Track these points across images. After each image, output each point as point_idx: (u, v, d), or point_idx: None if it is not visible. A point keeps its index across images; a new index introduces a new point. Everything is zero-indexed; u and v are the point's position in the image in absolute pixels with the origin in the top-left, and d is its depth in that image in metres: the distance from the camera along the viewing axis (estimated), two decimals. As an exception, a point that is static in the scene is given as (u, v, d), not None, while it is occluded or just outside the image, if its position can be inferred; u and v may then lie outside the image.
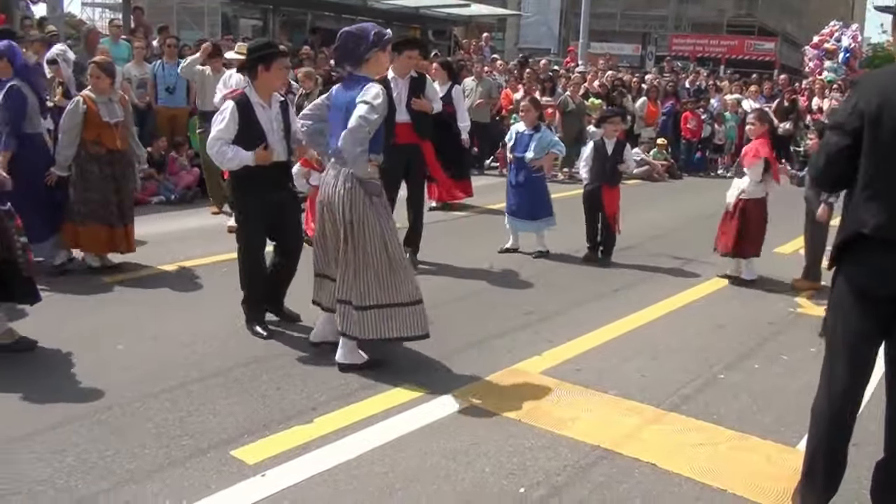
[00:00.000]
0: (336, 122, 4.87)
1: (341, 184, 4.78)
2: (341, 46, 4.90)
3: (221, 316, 5.86)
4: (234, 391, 4.65)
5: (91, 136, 6.68)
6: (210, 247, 8.01)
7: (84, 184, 6.73)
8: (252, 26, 20.09)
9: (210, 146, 5.24)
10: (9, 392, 4.55)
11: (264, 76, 5.32)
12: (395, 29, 19.75)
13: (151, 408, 4.40)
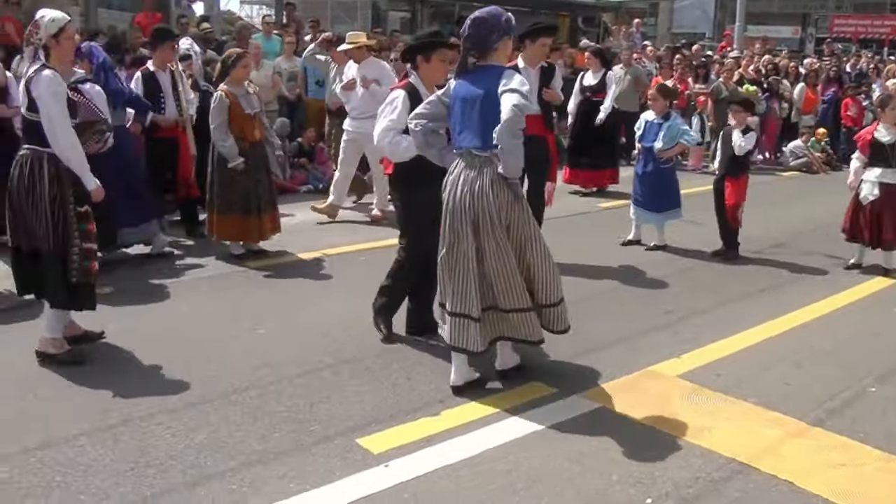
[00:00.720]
0: (463, 118, 4.40)
1: (486, 185, 4.27)
2: (474, 34, 4.43)
3: (358, 304, 5.91)
4: (365, 379, 4.71)
5: (235, 129, 6.86)
6: (352, 235, 8.20)
7: (224, 177, 6.91)
8: (401, 18, 20.37)
9: (381, 137, 4.92)
10: (152, 370, 4.81)
11: (424, 67, 5.10)
12: (543, 17, 19.55)
13: (285, 392, 4.52)
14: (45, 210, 4.67)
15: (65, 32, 4.73)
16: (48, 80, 4.60)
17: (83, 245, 4.77)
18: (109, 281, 6.43)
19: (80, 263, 4.75)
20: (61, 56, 4.79)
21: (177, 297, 6.22)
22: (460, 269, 4.41)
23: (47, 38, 4.66)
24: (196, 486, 3.58)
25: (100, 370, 4.81)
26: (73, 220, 4.74)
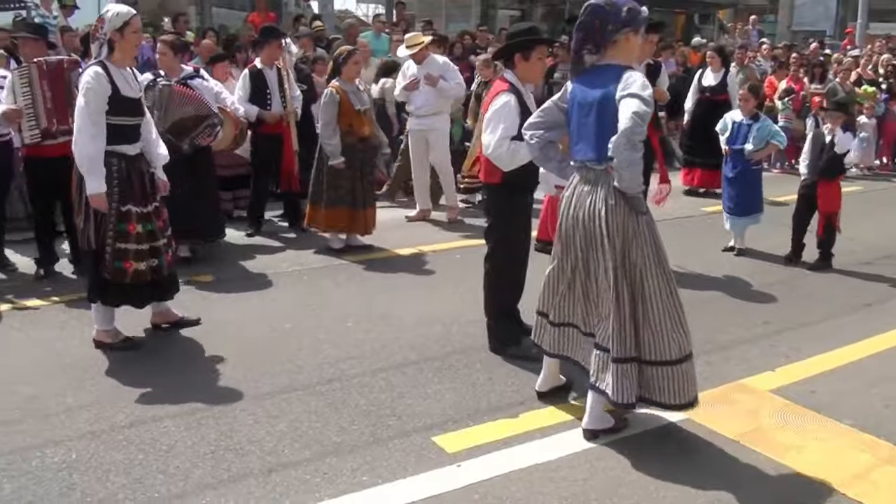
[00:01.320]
0: (579, 127, 3.91)
1: (599, 201, 3.79)
2: (586, 24, 3.85)
3: (448, 301, 5.99)
4: (446, 377, 4.72)
5: (344, 125, 7.00)
6: (448, 233, 8.23)
7: (332, 171, 7.05)
8: (510, 16, 20.32)
9: (498, 146, 4.57)
10: (243, 357, 4.96)
11: (522, 66, 4.77)
12: (656, 14, 19.09)
13: (367, 385, 4.58)
14: (85, 206, 4.77)
15: (130, 26, 4.74)
16: (87, 75, 4.67)
17: (116, 245, 4.79)
18: (210, 269, 6.71)
19: (111, 263, 4.80)
20: (126, 50, 4.79)
21: (275, 287, 6.40)
22: (556, 280, 4.10)
23: (112, 32, 4.70)
24: (272, 472, 3.67)
25: (193, 355, 5.01)
26: (112, 220, 4.78)
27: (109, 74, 4.70)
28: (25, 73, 6.10)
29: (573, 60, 3.95)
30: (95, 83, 4.63)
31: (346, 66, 7.06)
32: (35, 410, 4.24)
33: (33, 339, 5.28)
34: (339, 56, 7.20)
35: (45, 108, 6.09)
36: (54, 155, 6.14)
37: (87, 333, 5.19)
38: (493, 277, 5.03)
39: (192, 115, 6.45)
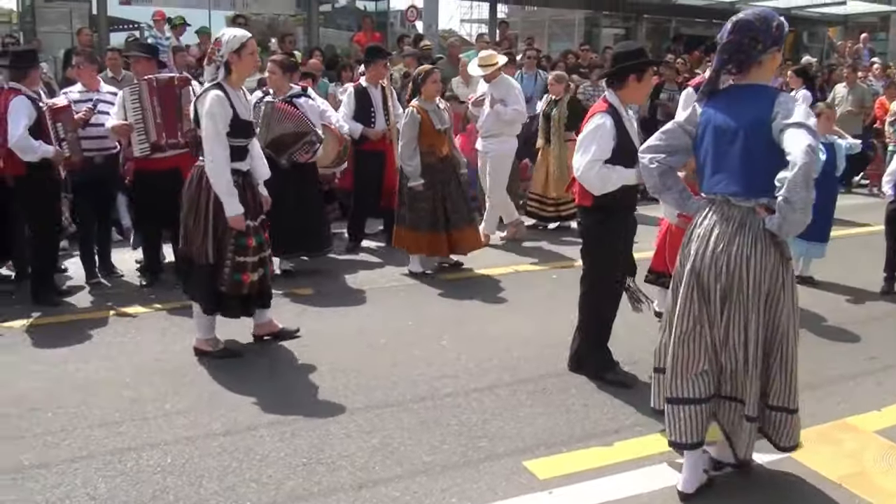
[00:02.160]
0: (717, 155, 3.48)
1: (747, 244, 3.39)
2: (735, 42, 3.43)
3: (543, 323, 5.89)
4: (540, 401, 4.62)
5: (425, 144, 6.98)
6: (545, 254, 8.13)
7: (412, 194, 7.03)
8: (615, 35, 20.10)
9: (587, 169, 4.40)
10: (338, 370, 4.98)
11: (633, 87, 4.58)
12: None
13: (459, 405, 4.53)
14: (204, 222, 4.89)
15: (246, 49, 4.86)
16: (210, 100, 4.75)
17: (236, 259, 4.92)
18: (310, 283, 6.81)
19: (230, 276, 4.93)
20: (242, 72, 4.92)
21: (372, 302, 6.44)
22: (691, 341, 3.58)
23: (229, 54, 4.81)
24: (362, 488, 3.65)
25: (289, 366, 5.07)
26: (231, 234, 4.90)
27: (229, 98, 4.83)
28: (136, 90, 6.38)
29: (710, 81, 3.56)
30: (220, 108, 4.76)
31: (426, 85, 7.02)
32: (134, 413, 4.36)
33: (135, 345, 5.45)
34: (418, 75, 7.19)
35: (155, 122, 6.35)
36: (162, 168, 6.42)
37: (187, 341, 5.33)
38: (589, 300, 4.91)
39: (292, 131, 6.59)
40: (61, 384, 4.77)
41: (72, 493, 3.61)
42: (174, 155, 6.50)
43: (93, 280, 6.83)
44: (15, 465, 3.84)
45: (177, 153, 6.50)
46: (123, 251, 7.40)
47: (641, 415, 4.43)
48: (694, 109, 3.62)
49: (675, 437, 3.63)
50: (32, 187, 6.08)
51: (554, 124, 8.84)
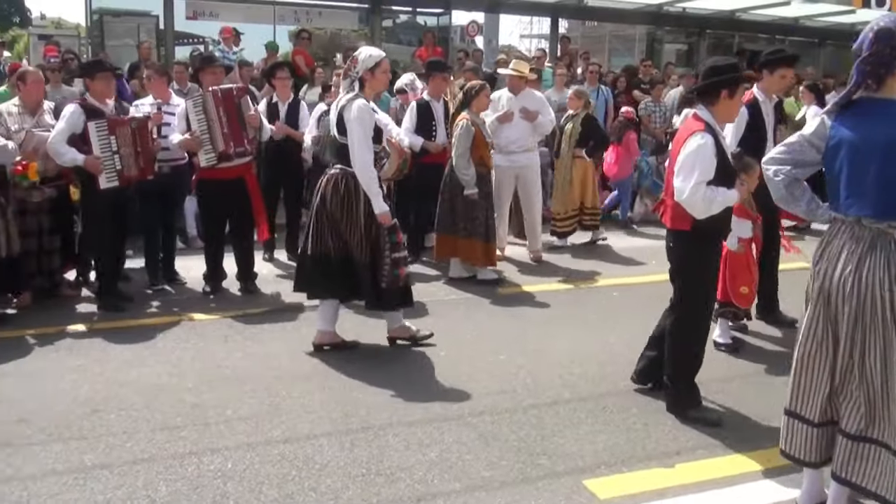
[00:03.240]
0: (850, 173, 3.29)
1: (880, 267, 3.21)
2: (878, 53, 3.22)
3: (603, 340, 5.82)
4: (600, 419, 4.55)
5: (476, 157, 7.08)
6: (606, 269, 8.05)
7: (468, 203, 7.12)
8: (676, 50, 19.89)
9: (693, 192, 4.16)
10: (398, 381, 4.98)
11: (725, 104, 4.39)
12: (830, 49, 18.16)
13: (518, 421, 4.48)
14: (360, 223, 5.20)
15: (380, 67, 5.24)
16: (358, 108, 5.11)
17: (392, 255, 5.24)
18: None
19: (389, 271, 5.24)
20: (375, 87, 5.32)
21: (432, 315, 6.42)
22: (813, 363, 3.45)
23: (364, 71, 5.19)
24: (420, 501, 3.63)
25: (348, 377, 5.07)
26: (385, 233, 5.22)
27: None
28: (199, 101, 6.51)
29: (847, 95, 3.34)
30: (367, 114, 5.14)
31: (478, 98, 7.18)
32: (196, 419, 4.41)
33: (197, 351, 5.52)
34: (471, 89, 7.28)
35: (223, 132, 6.48)
36: (227, 177, 6.57)
37: (248, 349, 5.39)
38: (678, 332, 4.60)
39: None
40: (125, 387, 4.85)
41: (133, 494, 3.65)
42: (238, 164, 6.63)
43: (157, 286, 6.97)
44: (78, 465, 3.91)
45: (241, 163, 6.64)
46: (187, 259, 7.51)
47: (703, 437, 4.33)
48: (822, 123, 3.41)
49: (787, 448, 3.58)
50: (86, 196, 6.34)
51: (566, 139, 8.85)
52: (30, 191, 6.26)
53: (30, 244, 6.37)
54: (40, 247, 6.49)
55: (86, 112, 6.17)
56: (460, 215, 7.18)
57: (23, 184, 6.13)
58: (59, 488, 3.70)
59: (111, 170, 6.19)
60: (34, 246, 6.43)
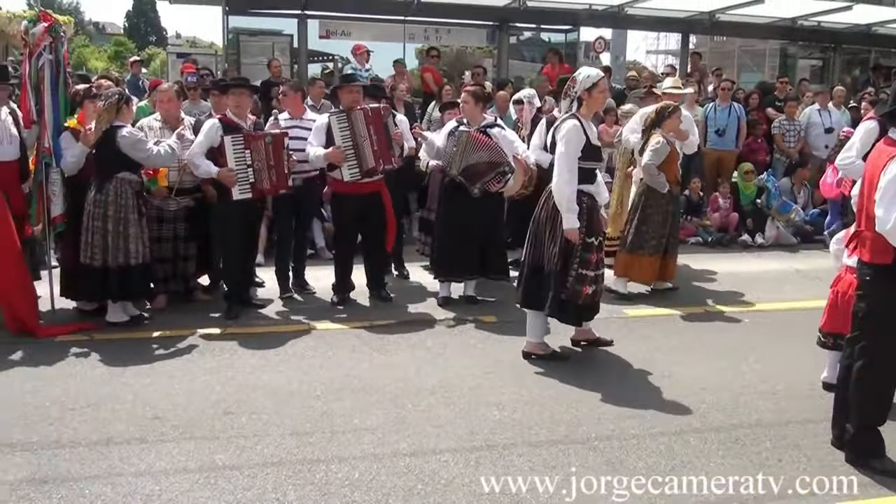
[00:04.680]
0: None
1: None
2: None
3: (736, 368, 5.60)
4: (732, 451, 4.35)
5: (670, 176, 7.30)
6: (736, 294, 7.75)
7: (649, 219, 7.30)
8: (811, 66, 19.08)
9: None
10: (521, 403, 4.91)
11: None
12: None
13: (647, 448, 4.34)
14: (559, 237, 5.39)
15: (597, 87, 5.42)
16: (566, 127, 5.33)
17: (580, 271, 5.40)
18: (494, 310, 6.90)
19: (572, 285, 5.39)
20: (591, 106, 5.51)
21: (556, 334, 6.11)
22: None
23: (582, 91, 5.40)
24: (545, 525, 3.56)
25: (472, 394, 5.03)
26: (578, 248, 5.37)
27: (583, 126, 5.39)
28: (344, 118, 6.66)
29: None
30: (575, 134, 5.33)
31: (671, 119, 7.34)
32: (324, 426, 4.49)
33: (325, 360, 5.62)
34: (664, 110, 7.42)
35: (373, 150, 6.67)
36: (365, 191, 6.76)
37: (375, 359, 5.46)
38: (867, 376, 4.19)
39: (486, 160, 6.68)
40: (255, 392, 4.98)
41: (262, 496, 3.73)
42: (376, 180, 6.78)
43: (286, 295, 7.16)
44: (209, 464, 4.04)
45: (378, 177, 6.81)
46: (316, 269, 7.69)
47: (840, 478, 4.06)
48: None
49: None
50: (219, 207, 6.62)
51: (619, 158, 8.64)
52: (167, 200, 6.57)
53: (166, 250, 6.68)
54: (176, 253, 6.78)
55: (224, 127, 6.42)
56: (651, 233, 7.33)
57: (151, 187, 6.41)
58: (190, 485, 3.83)
59: (244, 182, 6.39)
60: (170, 252, 6.73)
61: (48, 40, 6.26)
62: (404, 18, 14.13)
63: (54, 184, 6.35)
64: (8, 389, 5.01)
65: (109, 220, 6.04)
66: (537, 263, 5.55)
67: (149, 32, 74.19)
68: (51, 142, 6.28)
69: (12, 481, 3.86)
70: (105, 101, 6.11)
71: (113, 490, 3.79)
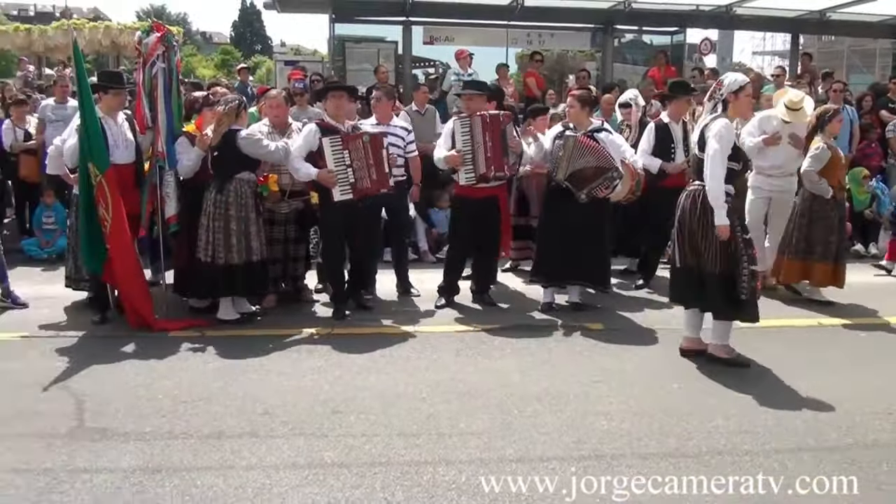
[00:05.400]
0: None
1: None
2: None
3: (850, 385, 5.37)
4: (848, 472, 4.14)
5: (833, 180, 7.25)
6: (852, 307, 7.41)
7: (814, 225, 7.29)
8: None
9: None
10: (629, 413, 4.82)
11: None
12: None
13: (761, 465, 4.19)
14: (715, 236, 5.45)
15: (744, 90, 5.54)
16: (718, 126, 5.43)
17: (749, 267, 5.45)
18: (600, 318, 6.81)
19: (748, 282, 5.46)
20: (738, 110, 5.65)
21: (663, 343, 6.20)
22: None
23: (728, 94, 5.53)
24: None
25: (581, 402, 4.97)
26: (741, 247, 5.44)
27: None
28: (467, 123, 6.74)
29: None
30: (727, 132, 5.44)
31: (831, 123, 7.26)
32: (431, 428, 4.52)
33: (431, 362, 5.66)
34: (825, 114, 7.31)
35: (486, 156, 6.71)
36: (482, 196, 6.84)
37: (480, 364, 5.48)
38: None
39: (593, 166, 6.61)
40: (363, 391, 5.06)
41: (371, 496, 3.78)
42: (494, 185, 6.82)
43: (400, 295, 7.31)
44: (318, 461, 4.12)
45: (497, 183, 6.86)
46: (420, 272, 7.76)
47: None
48: None
49: None
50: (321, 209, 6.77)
51: None
52: (278, 203, 6.74)
53: (277, 251, 6.86)
54: (286, 254, 6.97)
55: (322, 130, 6.55)
56: (817, 239, 7.24)
57: (263, 193, 6.58)
58: (300, 481, 3.91)
59: (345, 183, 6.50)
60: (280, 253, 6.91)
61: (161, 49, 6.52)
62: (507, 23, 14.14)
63: (168, 186, 6.61)
64: (121, 381, 5.24)
65: (232, 219, 6.28)
66: (688, 263, 5.62)
67: (254, 41, 76.54)
68: (164, 146, 6.53)
69: (126, 469, 4.02)
70: (225, 106, 6.33)
71: (224, 482, 3.90)
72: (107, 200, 6.12)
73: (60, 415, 4.69)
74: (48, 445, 4.28)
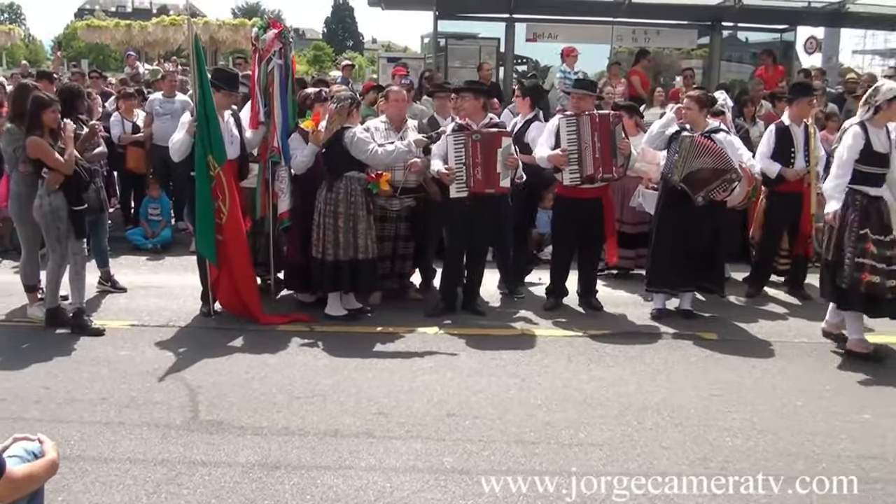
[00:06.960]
0: None
1: None
2: None
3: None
4: None
5: None
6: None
7: None
8: None
9: None
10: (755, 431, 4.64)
11: None
12: None
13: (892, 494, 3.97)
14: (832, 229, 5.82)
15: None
16: (849, 133, 5.82)
17: (855, 259, 5.65)
18: (712, 327, 6.61)
19: (849, 272, 5.67)
20: (889, 116, 5.83)
21: (781, 357, 5.97)
22: None
23: (883, 101, 5.77)
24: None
25: (699, 414, 4.83)
26: (852, 239, 5.68)
27: (866, 133, 5.80)
28: (573, 122, 6.63)
29: None
30: (854, 141, 5.78)
31: None
32: (549, 437, 4.44)
33: (542, 367, 5.58)
34: None
35: (594, 157, 6.59)
36: (586, 196, 6.72)
37: (594, 371, 5.37)
38: None
39: (711, 167, 6.41)
40: (476, 395, 5.01)
41: (493, 504, 3.71)
42: (598, 186, 6.68)
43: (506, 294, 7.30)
44: (438, 466, 4.09)
45: (602, 184, 6.71)
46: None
47: None
48: None
49: None
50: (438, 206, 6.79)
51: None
52: (391, 199, 6.75)
53: (386, 248, 6.88)
54: (395, 251, 6.99)
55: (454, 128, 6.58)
56: None
57: (373, 191, 6.60)
58: (421, 485, 3.88)
59: (461, 181, 6.47)
60: (389, 250, 6.93)
61: (278, 46, 6.59)
62: (613, 20, 13.90)
63: (282, 181, 6.67)
64: (234, 374, 5.31)
65: (340, 216, 6.32)
66: (827, 259, 5.93)
67: (346, 37, 77.54)
68: (280, 141, 6.60)
69: (244, 464, 4.06)
70: (338, 104, 6.37)
71: (345, 483, 3.90)
72: (224, 193, 6.24)
73: (175, 405, 4.79)
74: (164, 436, 4.36)
